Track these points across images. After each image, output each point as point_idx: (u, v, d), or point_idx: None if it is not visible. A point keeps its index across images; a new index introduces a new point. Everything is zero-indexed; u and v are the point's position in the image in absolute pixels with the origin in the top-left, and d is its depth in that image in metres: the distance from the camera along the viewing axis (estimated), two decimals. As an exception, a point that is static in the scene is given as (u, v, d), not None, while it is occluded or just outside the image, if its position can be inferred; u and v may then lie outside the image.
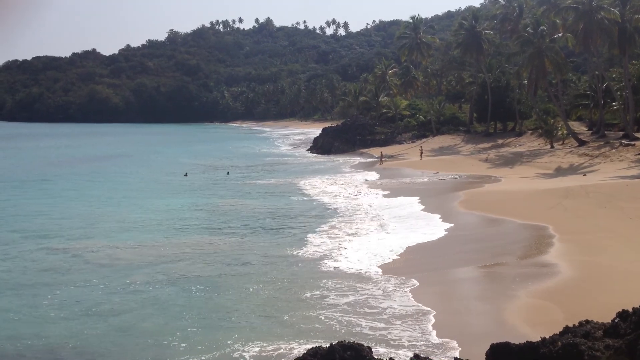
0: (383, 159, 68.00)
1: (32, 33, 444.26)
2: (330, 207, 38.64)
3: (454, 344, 15.26)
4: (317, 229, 31.18)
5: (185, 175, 59.24)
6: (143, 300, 20.34)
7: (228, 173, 60.88)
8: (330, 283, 21.28)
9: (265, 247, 27.57)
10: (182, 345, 16.52)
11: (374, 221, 33.11)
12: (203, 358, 15.63)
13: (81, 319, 18.74)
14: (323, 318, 17.92)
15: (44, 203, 41.70)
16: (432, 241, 27.52)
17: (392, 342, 15.80)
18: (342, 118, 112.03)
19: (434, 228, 30.30)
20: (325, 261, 24.59)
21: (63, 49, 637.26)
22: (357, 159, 73.00)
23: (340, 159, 75.61)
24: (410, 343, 15.68)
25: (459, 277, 21.62)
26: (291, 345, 15.84)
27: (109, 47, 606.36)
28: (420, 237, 28.30)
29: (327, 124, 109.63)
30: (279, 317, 18.30)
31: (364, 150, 79.97)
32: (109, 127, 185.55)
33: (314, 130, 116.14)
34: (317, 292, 20.33)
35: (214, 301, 20.12)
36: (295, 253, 26.27)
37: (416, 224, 31.58)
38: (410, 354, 13.05)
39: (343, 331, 16.65)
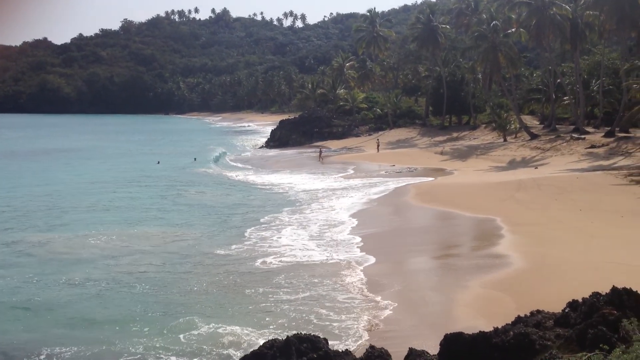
0: (323, 154, 65.47)
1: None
2: (281, 199, 38.51)
3: (409, 333, 15.38)
4: (261, 222, 30.83)
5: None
6: (91, 293, 19.99)
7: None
8: (283, 275, 21.13)
9: (216, 240, 27.32)
10: (145, 330, 16.48)
11: (325, 213, 32.97)
12: (162, 345, 15.49)
13: (28, 312, 18.41)
14: (280, 310, 17.82)
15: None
16: (384, 232, 27.67)
17: (347, 333, 15.84)
18: (300, 110, 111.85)
19: (386, 219, 30.51)
20: (275, 252, 24.40)
21: (13, 38, 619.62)
22: (314, 152, 72.96)
23: (296, 151, 75.46)
24: (366, 333, 15.76)
25: (412, 268, 21.82)
26: (247, 338, 15.74)
27: (61, 36, 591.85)
28: (373, 229, 28.42)
29: (285, 117, 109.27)
30: (233, 309, 18.12)
31: (321, 143, 79.99)
32: (59, 118, 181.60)
33: (271, 123, 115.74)
34: (273, 284, 20.20)
35: (166, 295, 19.82)
36: (246, 245, 26.01)
37: (368, 216, 31.71)
38: (367, 345, 13.12)
39: (299, 322, 16.60)
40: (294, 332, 12.74)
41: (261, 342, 14.40)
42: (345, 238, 26.52)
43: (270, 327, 16.50)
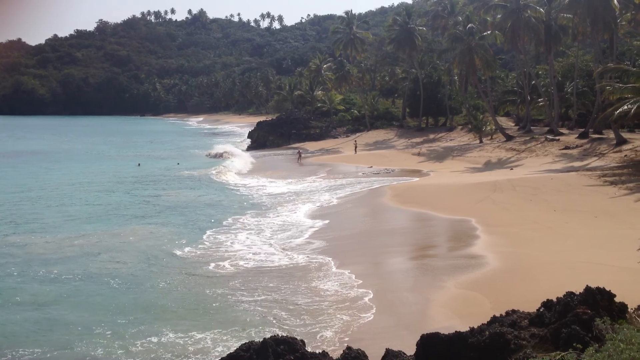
0: (303, 155, 66.29)
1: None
2: (253, 201, 38.52)
3: (385, 334, 15.41)
4: (224, 224, 30.83)
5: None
6: (59, 294, 20.01)
7: (139, 164, 61.26)
8: (242, 279, 21.01)
9: (186, 239, 27.34)
10: (108, 333, 16.46)
11: (294, 215, 32.86)
12: (122, 351, 15.40)
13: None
14: (257, 312, 17.77)
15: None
16: (356, 234, 27.66)
17: (323, 335, 15.82)
18: (277, 112, 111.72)
19: (359, 221, 30.58)
20: (247, 254, 24.39)
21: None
22: (291, 154, 72.91)
23: (273, 153, 75.32)
24: (343, 333, 15.76)
25: (389, 270, 21.85)
26: (210, 344, 15.62)
27: (35, 37, 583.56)
28: (345, 231, 28.41)
29: (262, 118, 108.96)
30: (206, 311, 18.08)
31: (298, 145, 79.97)
32: (34, 119, 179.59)
33: (248, 125, 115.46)
34: (233, 287, 20.08)
35: (135, 295, 19.85)
36: (203, 247, 26.12)
37: (341, 218, 31.77)
38: (344, 346, 13.10)
39: (270, 326, 16.54)
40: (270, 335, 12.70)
41: (221, 349, 14.46)
42: (313, 240, 26.37)
43: (236, 333, 16.32)
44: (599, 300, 11.14)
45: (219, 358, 12.35)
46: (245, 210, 34.82)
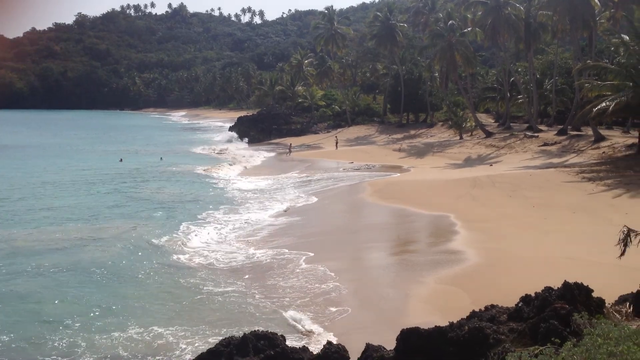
0: (292, 149, 67.26)
1: None
2: (228, 196, 38.49)
3: (366, 329, 15.42)
4: (198, 218, 30.87)
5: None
6: (42, 284, 19.94)
7: (121, 160, 60.39)
8: (235, 273, 20.97)
9: (165, 234, 27.25)
10: (76, 325, 16.46)
11: (268, 211, 32.64)
12: (86, 345, 15.31)
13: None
14: (232, 307, 17.70)
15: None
16: (338, 229, 27.63)
17: (306, 329, 15.81)
18: (258, 107, 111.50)
19: (337, 217, 30.61)
20: (221, 250, 24.38)
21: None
22: (272, 150, 72.77)
23: (254, 148, 75.07)
24: (323, 329, 15.75)
25: (368, 265, 21.83)
26: (173, 341, 15.52)
27: (13, 30, 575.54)
28: (326, 225, 28.36)
29: (243, 113, 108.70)
30: (183, 306, 17.99)
31: (279, 140, 79.88)
32: (11, 113, 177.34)
33: (229, 120, 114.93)
34: (225, 281, 20.03)
35: (110, 287, 19.81)
36: (194, 239, 26.21)
37: (318, 213, 31.80)
38: (323, 341, 13.10)
39: (251, 318, 16.51)
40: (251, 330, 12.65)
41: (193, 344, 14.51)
42: (288, 235, 26.32)
43: (212, 328, 16.24)
44: (576, 295, 11.24)
45: (199, 353, 12.26)
46: (220, 205, 34.62)
